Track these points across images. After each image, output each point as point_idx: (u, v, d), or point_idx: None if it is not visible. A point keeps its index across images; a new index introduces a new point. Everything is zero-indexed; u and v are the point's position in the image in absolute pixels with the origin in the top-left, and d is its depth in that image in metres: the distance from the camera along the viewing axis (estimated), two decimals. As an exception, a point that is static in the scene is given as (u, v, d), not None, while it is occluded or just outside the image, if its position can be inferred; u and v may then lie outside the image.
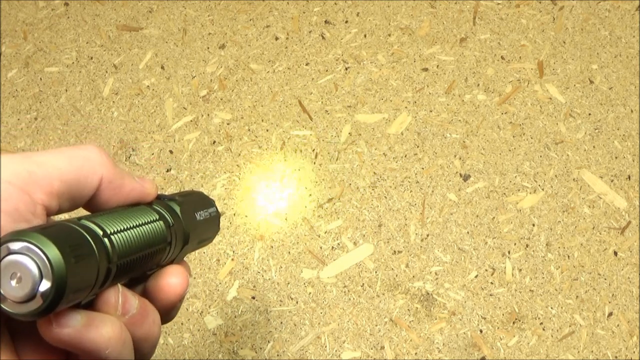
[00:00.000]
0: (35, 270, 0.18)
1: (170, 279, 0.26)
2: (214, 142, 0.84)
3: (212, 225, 0.33)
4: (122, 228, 0.23)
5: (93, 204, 0.25)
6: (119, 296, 0.23)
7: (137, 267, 0.24)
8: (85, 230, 0.21)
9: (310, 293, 0.72)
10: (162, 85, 0.89)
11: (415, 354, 0.69)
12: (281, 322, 0.71)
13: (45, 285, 0.18)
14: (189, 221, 0.29)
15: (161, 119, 0.86)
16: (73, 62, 0.93)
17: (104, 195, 0.25)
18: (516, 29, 0.91)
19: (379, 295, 0.72)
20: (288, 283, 0.73)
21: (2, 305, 0.19)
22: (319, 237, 0.76)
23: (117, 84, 0.90)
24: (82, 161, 0.23)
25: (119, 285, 0.23)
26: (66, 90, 0.90)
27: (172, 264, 0.28)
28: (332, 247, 0.75)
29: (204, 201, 0.33)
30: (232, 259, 0.75)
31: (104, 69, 0.92)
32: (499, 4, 0.93)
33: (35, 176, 0.21)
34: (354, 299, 0.72)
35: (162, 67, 0.91)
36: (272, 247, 0.75)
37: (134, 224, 0.24)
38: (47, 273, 0.18)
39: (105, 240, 0.21)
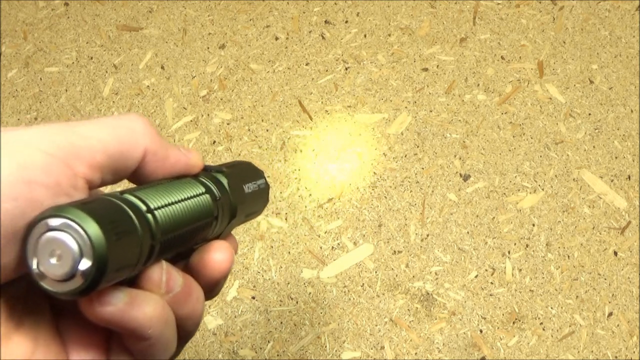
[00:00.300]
0: (76, 248, 0.17)
1: (215, 255, 0.25)
2: (214, 142, 0.84)
3: (260, 198, 0.31)
4: (167, 202, 0.22)
5: (137, 176, 0.24)
6: (162, 274, 0.22)
7: (182, 243, 0.23)
8: (127, 206, 0.19)
9: (310, 293, 0.72)
10: (162, 85, 0.89)
11: (415, 354, 0.69)
12: (281, 322, 0.71)
13: (85, 264, 0.17)
14: (236, 194, 0.28)
15: (161, 119, 0.86)
16: (73, 62, 0.93)
17: (149, 167, 0.24)
18: (516, 29, 0.91)
19: (379, 295, 0.72)
20: (288, 283, 0.73)
21: (42, 284, 0.18)
22: (319, 237, 0.76)
23: (117, 84, 0.90)
24: (125, 132, 0.22)
25: (163, 262, 0.22)
26: (66, 90, 0.90)
27: (217, 239, 0.27)
28: (332, 247, 0.75)
29: (253, 172, 0.31)
30: (232, 259, 0.75)
31: (104, 69, 0.92)
32: (499, 4, 0.93)
33: (78, 148, 0.20)
34: (354, 299, 0.72)
35: (162, 67, 0.91)
36: (272, 247, 0.75)
37: (179, 198, 0.23)
38: (87, 251, 0.17)
39: (149, 215, 0.20)
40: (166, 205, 0.22)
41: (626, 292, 0.71)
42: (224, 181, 0.27)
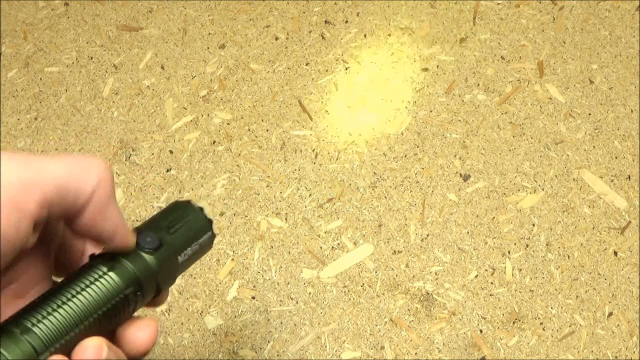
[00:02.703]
0: None
1: (138, 333, 0.25)
2: (214, 142, 0.84)
3: (200, 253, 0.30)
4: (66, 339, 0.22)
5: (77, 225, 0.24)
6: None
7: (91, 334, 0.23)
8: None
9: (310, 293, 0.72)
10: (162, 85, 0.89)
11: (415, 354, 0.69)
12: (281, 322, 0.71)
13: None
14: (166, 272, 0.27)
15: (161, 119, 0.86)
16: (73, 62, 0.93)
17: (87, 217, 0.23)
18: (516, 29, 0.91)
19: (379, 295, 0.72)
20: (288, 283, 0.73)
21: None
22: (319, 237, 0.76)
23: (117, 84, 0.90)
24: (80, 169, 0.23)
25: None
26: (66, 90, 0.90)
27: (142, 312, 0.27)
28: (332, 247, 0.75)
29: (198, 229, 0.29)
30: (232, 259, 0.75)
31: (104, 69, 0.92)
32: (499, 4, 0.93)
33: (30, 185, 0.21)
34: (354, 299, 0.72)
35: (162, 67, 0.91)
36: (272, 247, 0.75)
37: (87, 323, 0.23)
38: None
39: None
40: (65, 342, 0.22)
41: (626, 292, 0.71)
42: (153, 264, 0.26)
